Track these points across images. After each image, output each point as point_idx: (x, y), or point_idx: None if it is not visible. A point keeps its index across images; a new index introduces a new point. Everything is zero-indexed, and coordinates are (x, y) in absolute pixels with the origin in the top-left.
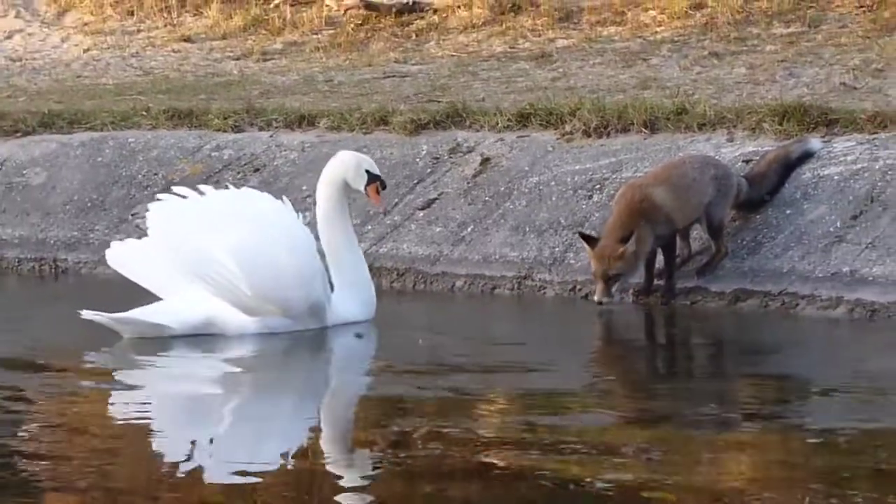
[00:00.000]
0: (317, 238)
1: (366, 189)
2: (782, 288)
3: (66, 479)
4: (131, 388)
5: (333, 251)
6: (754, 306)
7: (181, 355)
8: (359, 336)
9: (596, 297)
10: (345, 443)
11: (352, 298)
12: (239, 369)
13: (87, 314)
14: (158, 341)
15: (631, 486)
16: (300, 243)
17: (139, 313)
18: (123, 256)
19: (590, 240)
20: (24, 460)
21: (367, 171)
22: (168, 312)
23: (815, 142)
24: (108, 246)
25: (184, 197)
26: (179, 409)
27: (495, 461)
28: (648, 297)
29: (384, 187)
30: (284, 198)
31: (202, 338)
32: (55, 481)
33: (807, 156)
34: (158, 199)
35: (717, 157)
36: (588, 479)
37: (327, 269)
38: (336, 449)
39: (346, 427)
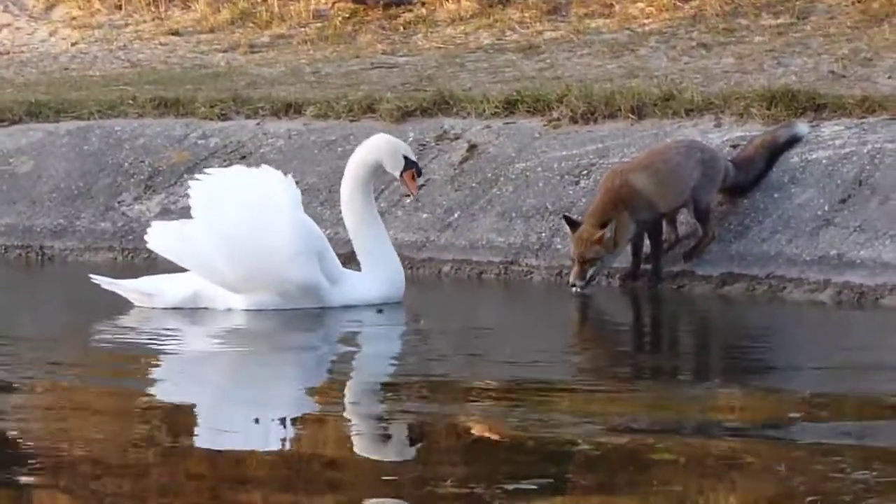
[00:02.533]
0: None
1: (401, 175)
2: (769, 271)
3: (62, 437)
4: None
5: (356, 233)
6: (741, 290)
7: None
8: (380, 311)
9: (570, 279)
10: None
11: (376, 280)
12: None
13: (94, 278)
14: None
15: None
16: (289, 223)
17: (136, 281)
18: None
19: (573, 224)
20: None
21: (405, 157)
22: (159, 284)
23: (802, 126)
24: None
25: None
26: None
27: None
28: (635, 281)
29: (419, 174)
30: (290, 176)
31: (195, 312)
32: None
33: (794, 140)
34: (196, 178)
35: (703, 142)
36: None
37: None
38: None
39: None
